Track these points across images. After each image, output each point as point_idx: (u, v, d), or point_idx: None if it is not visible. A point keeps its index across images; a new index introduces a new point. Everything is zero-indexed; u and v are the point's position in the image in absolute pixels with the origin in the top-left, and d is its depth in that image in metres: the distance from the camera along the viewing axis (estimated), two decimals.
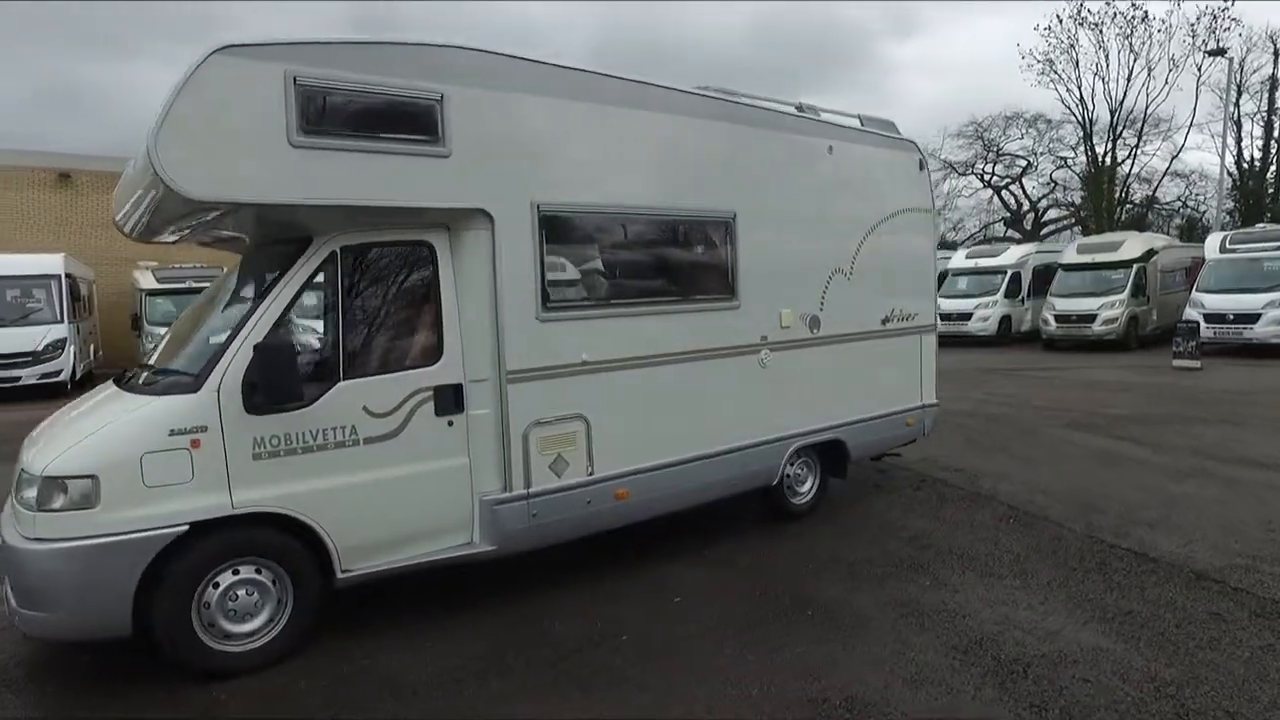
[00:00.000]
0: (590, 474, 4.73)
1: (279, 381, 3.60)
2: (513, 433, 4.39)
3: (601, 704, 3.50)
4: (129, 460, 3.46)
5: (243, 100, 3.47)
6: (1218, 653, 3.88)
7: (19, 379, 11.54)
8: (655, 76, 4.93)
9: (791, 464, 6.08)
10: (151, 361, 4.42)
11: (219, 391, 3.62)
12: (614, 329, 4.83)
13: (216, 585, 3.66)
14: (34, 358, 11.90)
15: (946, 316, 21.81)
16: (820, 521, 6.09)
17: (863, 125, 6.54)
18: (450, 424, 4.26)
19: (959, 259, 23.70)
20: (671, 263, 5.24)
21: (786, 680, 3.67)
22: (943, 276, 22.73)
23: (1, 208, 18.82)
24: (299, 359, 3.78)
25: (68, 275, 12.99)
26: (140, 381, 4.04)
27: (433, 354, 4.24)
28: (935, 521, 6.07)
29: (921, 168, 6.87)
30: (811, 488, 6.30)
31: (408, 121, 3.95)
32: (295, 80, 3.59)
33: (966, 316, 21.58)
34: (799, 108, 6.06)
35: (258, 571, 3.77)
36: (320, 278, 3.96)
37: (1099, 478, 7.25)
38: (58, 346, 12.09)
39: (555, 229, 4.56)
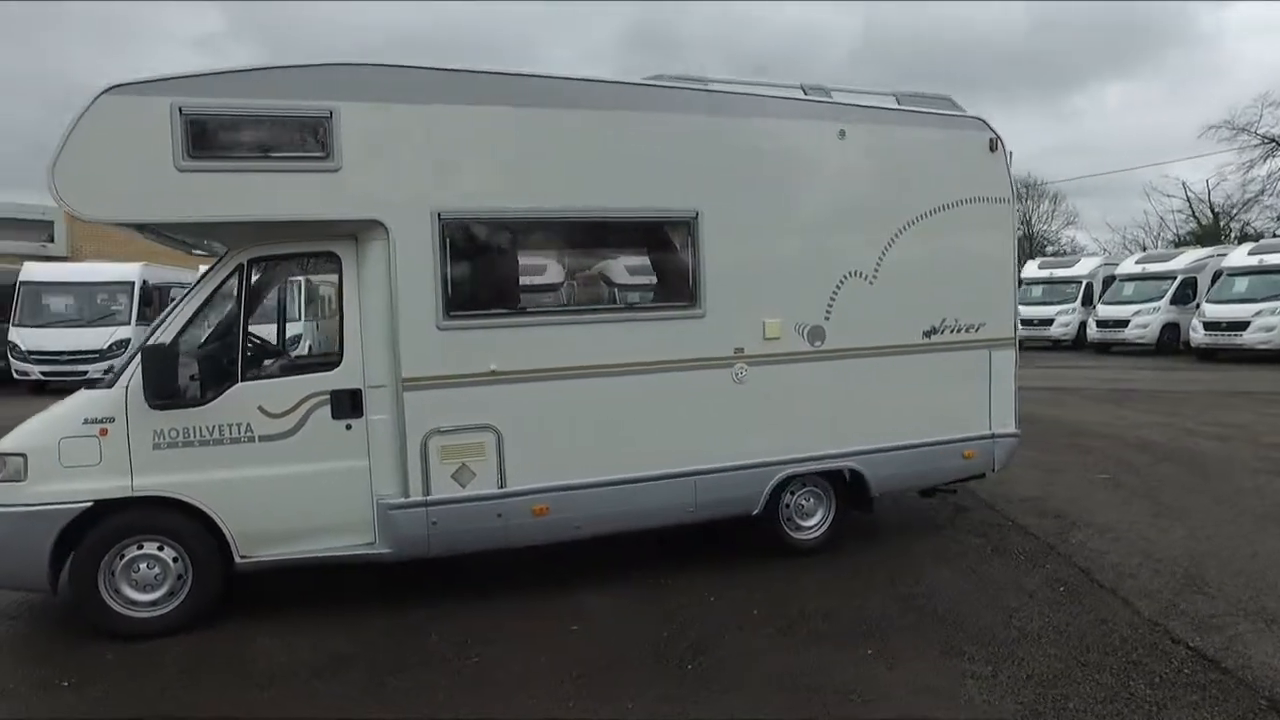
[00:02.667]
0: (501, 487, 4.62)
1: (157, 381, 4.03)
2: (410, 440, 4.44)
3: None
4: (51, 443, 4.10)
5: (129, 132, 3.92)
6: None
7: (85, 373, 12.75)
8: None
9: (791, 493, 5.40)
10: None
11: (127, 389, 4.14)
12: (532, 339, 4.66)
13: (122, 557, 4.19)
14: (100, 355, 13.72)
15: (1102, 323, 20.93)
16: (819, 561, 5.33)
17: (900, 103, 5.58)
18: (349, 427, 4.43)
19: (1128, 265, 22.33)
20: (607, 269, 4.92)
21: None
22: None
23: None
24: (186, 361, 4.20)
25: (144, 282, 15.00)
26: (100, 378, 4.74)
27: (332, 359, 4.44)
28: (962, 577, 5.01)
29: (993, 149, 5.68)
30: (823, 521, 5.54)
31: (297, 139, 4.17)
32: (181, 110, 3.97)
33: (1122, 324, 20.35)
34: (804, 89, 5.34)
35: (160, 549, 4.24)
36: (227, 287, 4.34)
37: (1258, 548, 5.45)
38: (122, 345, 13.80)
39: (461, 237, 4.52)
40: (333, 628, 4.37)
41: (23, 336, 14.54)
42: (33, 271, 15.51)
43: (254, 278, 4.40)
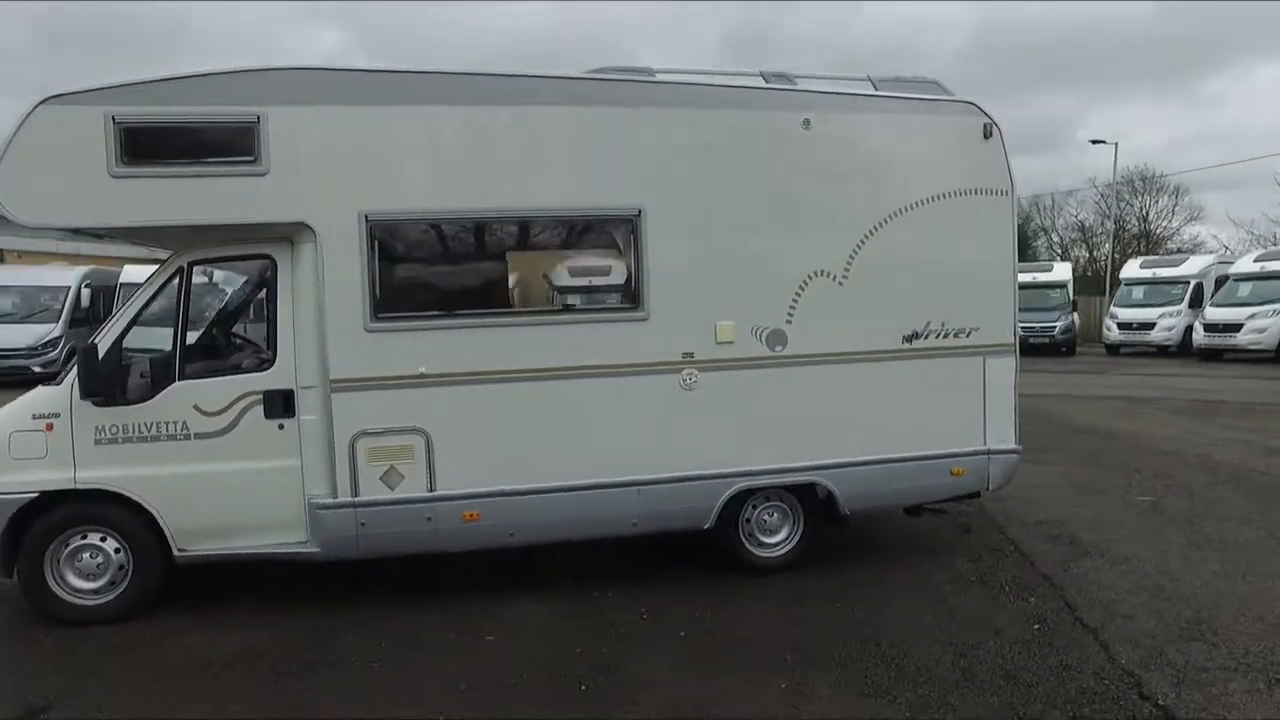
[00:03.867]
0: (431, 490, 4.57)
1: (88, 378, 4.20)
2: (338, 441, 4.46)
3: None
4: (2, 437, 4.35)
5: (65, 141, 4.11)
6: None
7: (27, 367, 14.44)
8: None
9: (753, 508, 5.10)
10: None
11: (72, 386, 4.34)
12: (462, 341, 4.58)
13: (67, 545, 4.40)
14: (29, 351, 15.18)
15: (1211, 327, 19.28)
16: (778, 582, 4.99)
17: (878, 88, 5.17)
18: (281, 427, 4.49)
19: (1244, 263, 20.69)
20: (545, 269, 4.78)
21: None
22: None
23: None
24: (136, 360, 4.36)
25: (85, 286, 16.30)
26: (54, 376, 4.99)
27: (265, 360, 4.52)
28: (928, 607, 4.56)
29: (988, 135, 5.17)
30: (789, 539, 5.20)
31: (226, 145, 4.26)
32: (114, 119, 4.13)
33: (1234, 328, 18.75)
34: (766, 77, 5.03)
35: (103, 540, 4.43)
36: (169, 289, 4.49)
37: None
38: (51, 344, 15.39)
39: (390, 239, 4.50)
40: (263, 624, 4.44)
41: None
42: None
43: (195, 279, 4.53)
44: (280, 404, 4.47)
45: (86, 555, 4.42)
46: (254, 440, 4.46)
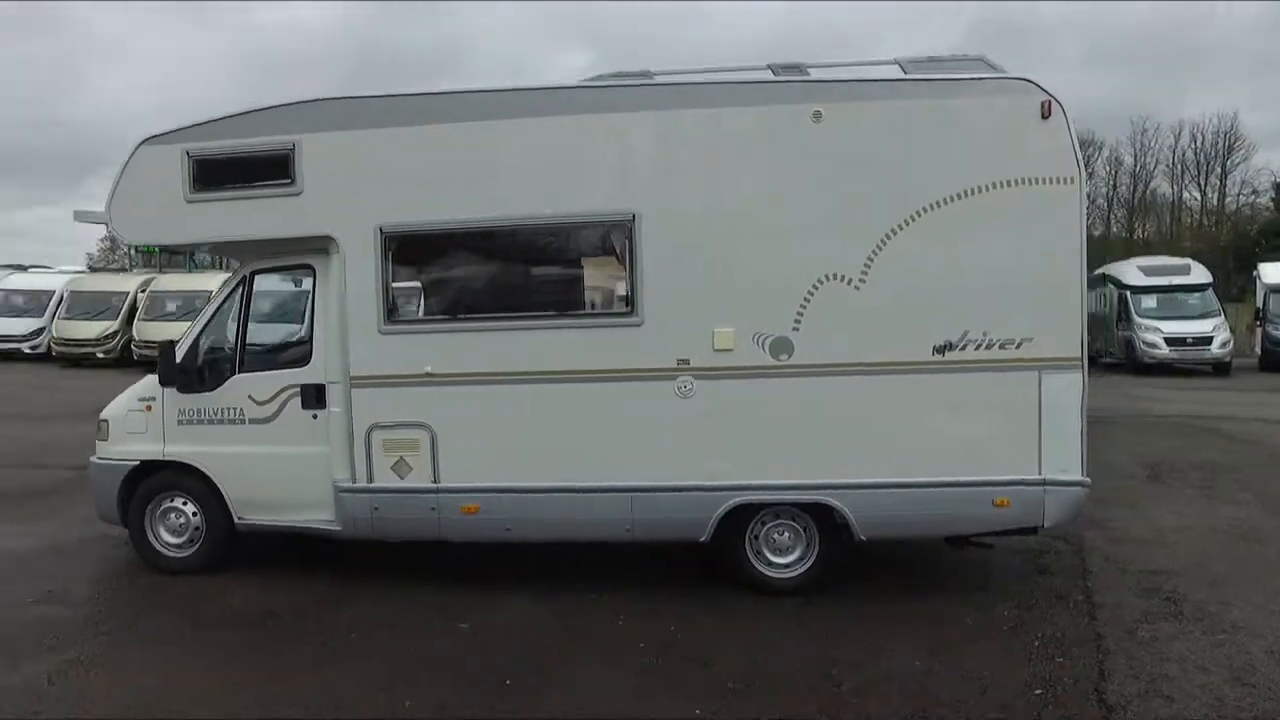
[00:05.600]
0: (435, 482, 4.90)
1: (163, 370, 5.06)
2: (356, 432, 4.94)
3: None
4: (121, 414, 5.37)
5: (156, 174, 4.97)
6: None
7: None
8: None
9: (762, 524, 4.86)
10: None
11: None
12: (465, 344, 4.86)
13: (159, 506, 5.32)
14: (23, 337, 20.83)
15: None
16: (782, 605, 4.69)
17: (907, 71, 4.66)
18: (315, 417, 5.07)
19: None
20: (541, 275, 4.91)
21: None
22: None
23: None
24: (205, 356, 5.19)
25: (73, 292, 20.82)
26: None
27: (304, 358, 5.12)
28: (931, 654, 4.05)
29: (1046, 115, 4.45)
30: (802, 560, 4.88)
31: (270, 170, 4.90)
32: (188, 154, 4.93)
33: None
34: (774, 69, 4.75)
35: (184, 504, 5.29)
36: (236, 295, 5.25)
37: None
38: (38, 332, 20.85)
39: (402, 249, 4.89)
40: (290, 589, 5.01)
41: None
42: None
43: (255, 287, 5.26)
44: (314, 396, 5.04)
45: (173, 516, 5.31)
46: (293, 428, 5.08)
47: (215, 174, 4.94)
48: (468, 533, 4.96)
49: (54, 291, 21.52)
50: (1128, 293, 19.51)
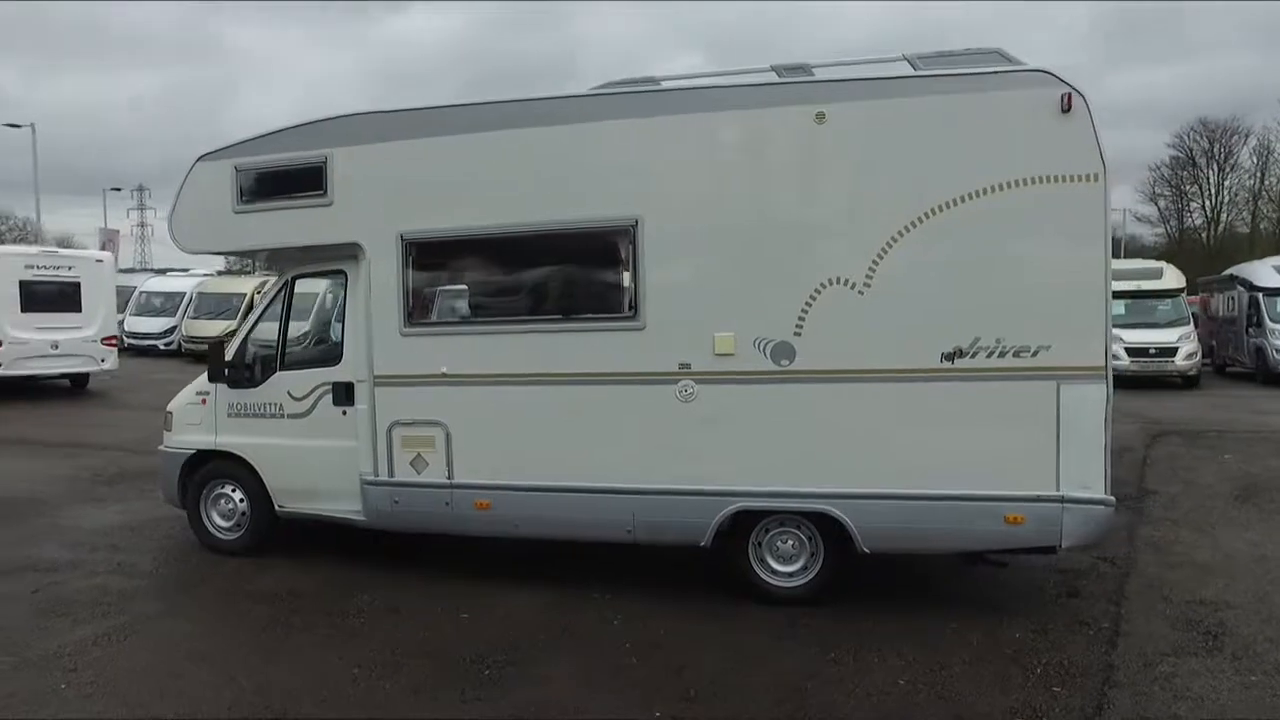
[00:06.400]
0: (449, 478, 5.11)
1: (211, 367, 5.52)
2: (379, 428, 5.23)
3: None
4: (180, 405, 5.90)
5: (210, 188, 5.43)
6: None
7: (156, 346, 22.85)
8: None
9: (765, 531, 4.80)
10: None
11: None
12: (477, 346, 5.05)
13: (212, 492, 5.80)
14: (158, 335, 23.24)
15: None
16: (776, 616, 4.60)
17: (917, 67, 4.48)
18: (344, 413, 5.39)
19: None
20: (551, 279, 5.02)
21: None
22: None
23: None
24: (248, 353, 5.62)
25: (200, 294, 23.01)
26: None
27: (336, 357, 5.46)
28: (910, 674, 3.89)
29: (1067, 108, 4.18)
30: (806, 570, 4.78)
31: (305, 182, 5.26)
32: (236, 169, 5.37)
33: None
34: (778, 71, 4.68)
35: (233, 490, 5.75)
36: (280, 299, 5.66)
37: None
38: (170, 331, 23.16)
39: (421, 254, 5.13)
40: (316, 572, 5.38)
41: None
42: None
43: (295, 291, 5.66)
44: (344, 394, 5.37)
45: (223, 501, 5.78)
46: (326, 422, 5.43)
47: (258, 186, 5.36)
48: (479, 527, 5.16)
49: (185, 294, 23.77)
50: (1260, 295, 17.68)
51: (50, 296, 14.18)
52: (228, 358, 5.59)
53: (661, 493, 4.77)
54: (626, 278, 4.80)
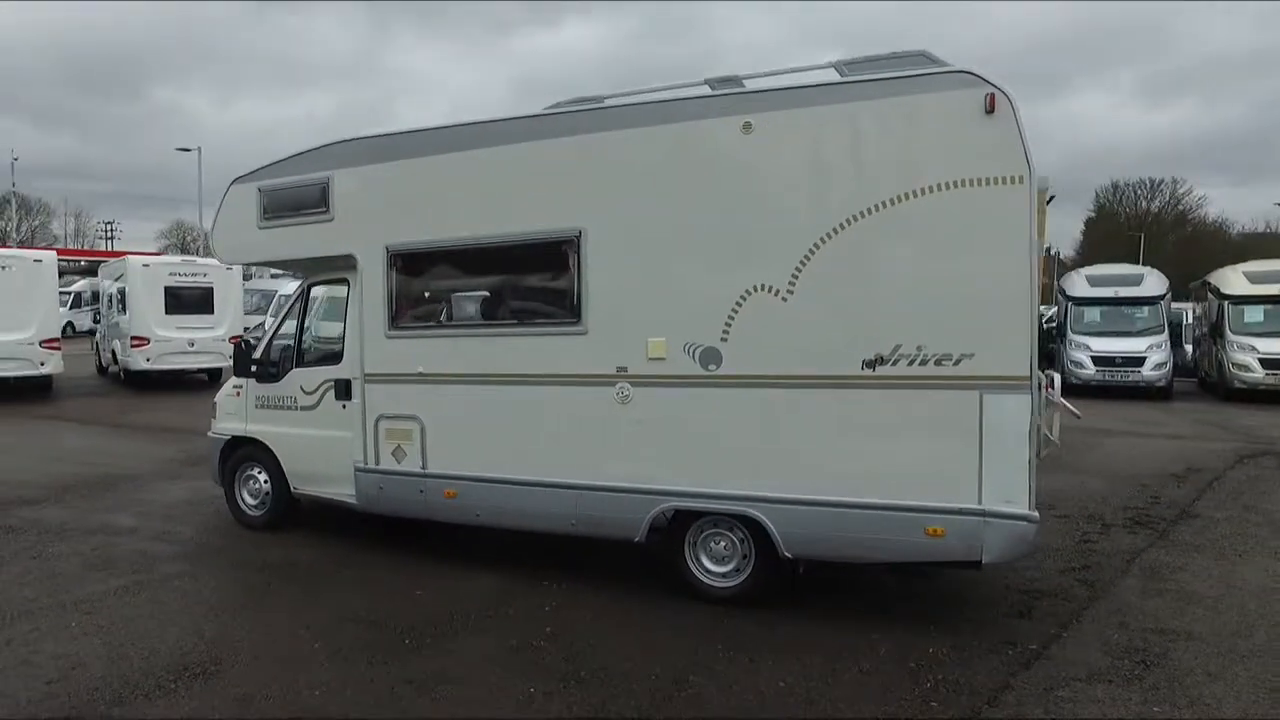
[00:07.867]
0: (423, 468, 5.60)
1: (236, 363, 6.30)
2: (368, 420, 5.80)
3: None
4: (223, 397, 6.76)
5: (241, 207, 6.23)
6: None
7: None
8: None
9: (700, 531, 4.96)
10: None
11: None
12: (447, 347, 5.51)
13: (244, 473, 6.61)
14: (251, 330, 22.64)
15: None
16: (702, 614, 4.73)
17: (843, 74, 4.48)
18: (344, 407, 6.02)
19: None
20: (509, 286, 5.39)
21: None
22: None
23: None
24: (273, 352, 6.37)
25: (281, 294, 21.64)
26: None
27: (338, 357, 6.10)
28: (805, 677, 3.95)
29: (991, 109, 4.09)
30: (738, 571, 4.89)
31: (312, 200, 5.93)
32: (260, 190, 6.14)
33: None
34: (711, 84, 4.82)
35: (259, 473, 6.53)
36: (298, 304, 6.38)
37: None
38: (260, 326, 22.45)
39: (403, 264, 5.65)
40: (315, 546, 6.02)
41: None
42: None
43: (310, 297, 6.36)
44: (344, 389, 6.00)
45: (251, 482, 6.58)
46: (330, 415, 6.08)
47: (277, 205, 6.09)
48: (447, 515, 5.60)
49: (275, 293, 25.34)
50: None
51: (188, 300, 16.22)
52: (256, 355, 6.37)
53: (600, 489, 5.02)
54: (572, 285, 5.09)
